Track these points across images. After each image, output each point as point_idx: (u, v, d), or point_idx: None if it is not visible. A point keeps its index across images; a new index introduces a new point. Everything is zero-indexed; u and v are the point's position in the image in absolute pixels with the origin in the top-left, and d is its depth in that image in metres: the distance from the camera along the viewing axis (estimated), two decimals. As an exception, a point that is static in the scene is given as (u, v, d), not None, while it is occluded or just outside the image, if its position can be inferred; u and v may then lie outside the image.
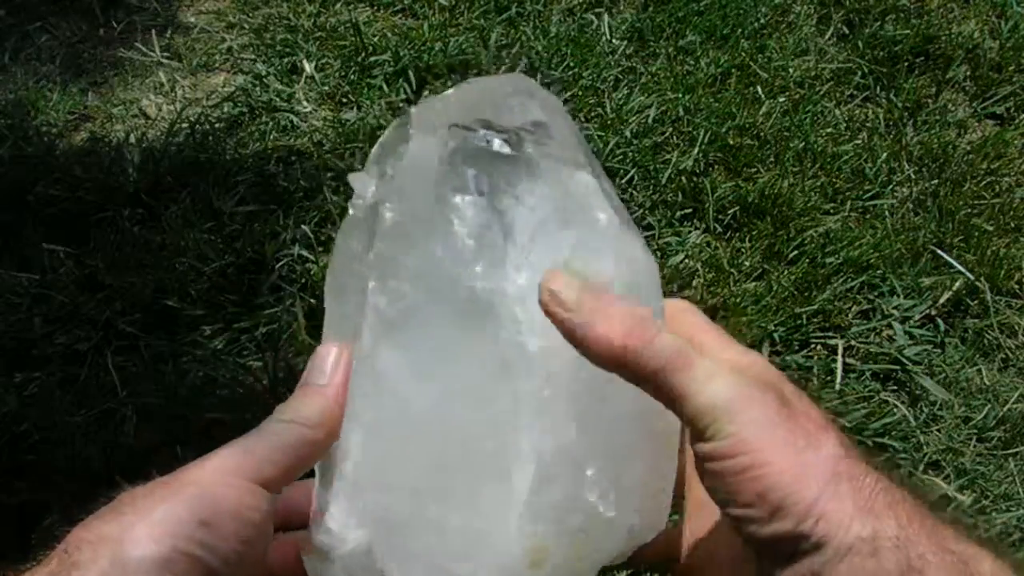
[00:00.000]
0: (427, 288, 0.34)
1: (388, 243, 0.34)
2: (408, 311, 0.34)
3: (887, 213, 1.49)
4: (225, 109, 1.53)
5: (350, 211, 0.38)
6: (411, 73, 1.57)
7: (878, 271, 1.40)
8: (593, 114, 1.56)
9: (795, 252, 1.40)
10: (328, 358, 0.36)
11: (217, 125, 1.50)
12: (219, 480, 0.31)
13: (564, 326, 0.32)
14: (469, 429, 0.34)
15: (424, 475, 0.34)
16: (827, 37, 1.77)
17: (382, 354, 0.34)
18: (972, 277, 1.40)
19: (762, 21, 1.76)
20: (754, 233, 1.42)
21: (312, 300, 1.26)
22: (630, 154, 1.48)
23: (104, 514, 0.29)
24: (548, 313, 0.32)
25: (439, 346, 0.34)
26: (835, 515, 0.28)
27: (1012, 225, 1.50)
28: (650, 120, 1.54)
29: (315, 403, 0.35)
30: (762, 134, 1.55)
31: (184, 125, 1.49)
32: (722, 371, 0.31)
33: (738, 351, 0.35)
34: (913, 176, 1.55)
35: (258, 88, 1.56)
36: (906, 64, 1.73)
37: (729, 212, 1.44)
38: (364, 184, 0.37)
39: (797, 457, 0.29)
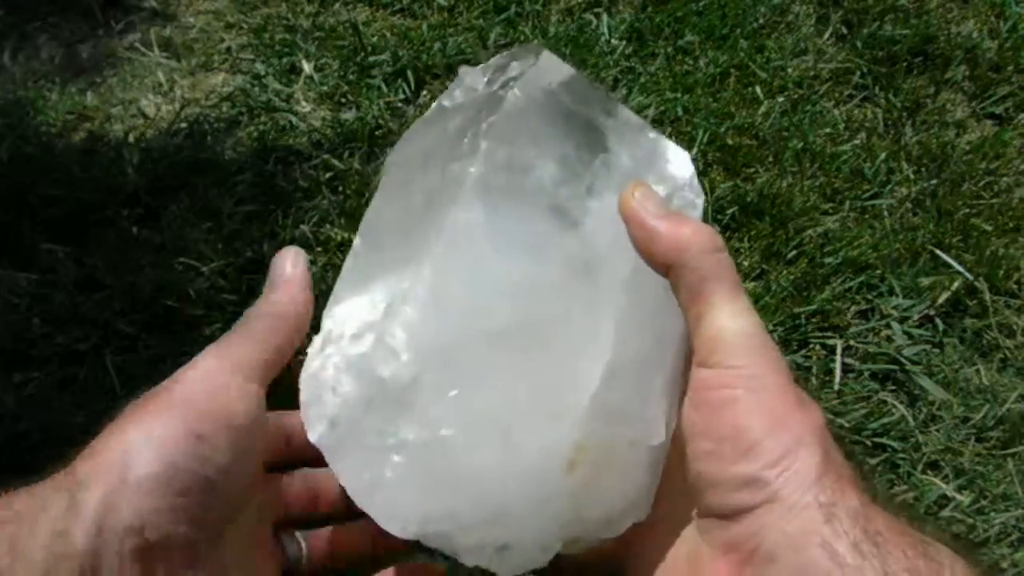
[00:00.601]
0: (533, 176, 0.34)
1: (508, 120, 0.34)
2: (512, 186, 0.34)
3: (886, 213, 1.49)
4: (224, 109, 1.53)
5: (445, 103, 0.37)
6: (410, 73, 1.57)
7: (877, 271, 1.40)
8: (592, 114, 1.56)
9: (794, 252, 1.40)
10: (287, 255, 0.38)
11: (216, 125, 1.50)
12: (209, 389, 0.31)
13: (637, 220, 0.33)
14: (545, 309, 0.33)
15: (493, 339, 0.33)
16: (826, 37, 1.77)
17: (476, 216, 0.33)
18: (971, 277, 1.40)
19: (761, 21, 1.76)
20: (752, 233, 1.42)
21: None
22: (629, 154, 1.48)
23: (106, 435, 0.31)
24: (627, 211, 0.33)
25: (530, 230, 0.34)
26: (802, 471, 0.28)
27: (1011, 225, 1.50)
28: (649, 120, 1.54)
29: (283, 292, 0.37)
30: (761, 134, 1.56)
31: (183, 125, 1.49)
32: (752, 310, 0.32)
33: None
34: (912, 176, 1.56)
35: (257, 88, 1.56)
36: (905, 64, 1.73)
37: (728, 212, 1.44)
38: (477, 77, 0.37)
39: (786, 408, 0.30)
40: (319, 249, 1.32)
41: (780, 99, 1.63)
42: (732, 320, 0.31)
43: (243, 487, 0.31)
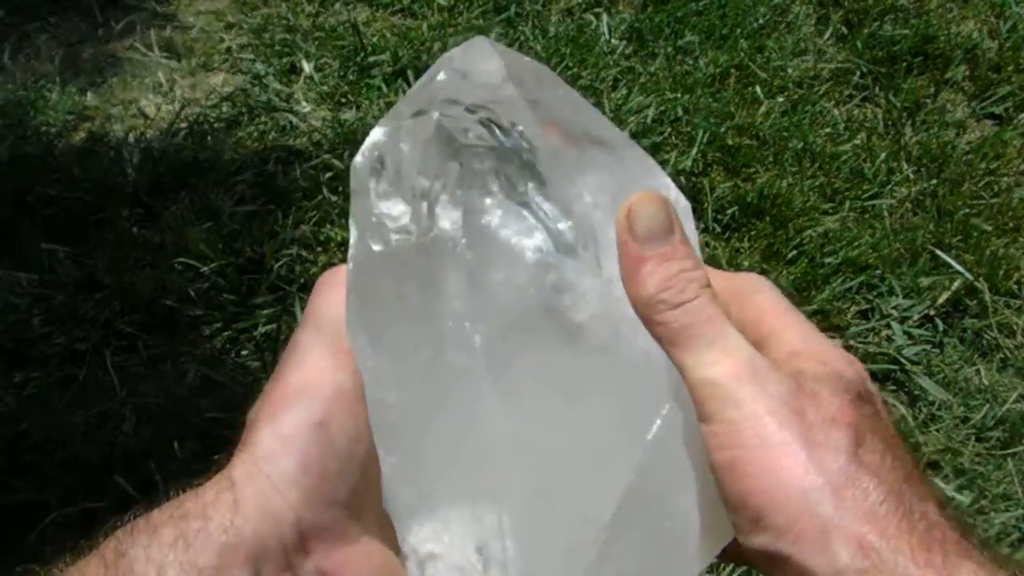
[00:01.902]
0: (531, 303, 0.33)
1: (475, 288, 0.32)
2: (518, 334, 0.32)
3: (886, 213, 1.49)
4: (224, 109, 1.53)
5: (374, 247, 0.33)
6: (410, 73, 1.57)
7: (877, 271, 1.40)
8: (592, 114, 1.56)
9: (794, 252, 1.40)
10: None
11: (216, 125, 1.50)
12: (317, 371, 0.33)
13: (625, 250, 0.30)
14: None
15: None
16: (826, 37, 1.77)
17: (511, 420, 0.32)
18: (971, 277, 1.40)
19: (761, 21, 1.76)
20: (753, 233, 1.42)
21: (311, 300, 1.26)
22: (629, 154, 1.49)
23: (248, 434, 0.32)
24: (619, 234, 0.30)
25: (555, 382, 0.32)
26: (810, 536, 0.26)
27: (1011, 225, 1.50)
28: (649, 120, 1.54)
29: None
30: (761, 134, 1.56)
31: (183, 125, 1.49)
32: (743, 352, 0.29)
33: (812, 340, 0.32)
34: (912, 176, 1.56)
35: (257, 88, 1.56)
36: (905, 64, 1.73)
37: (728, 212, 1.44)
38: (395, 209, 0.34)
39: (788, 460, 0.26)
40: (319, 249, 1.32)
41: (780, 99, 1.63)
42: (712, 368, 0.28)
43: (364, 460, 0.33)
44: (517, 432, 0.32)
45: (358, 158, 0.34)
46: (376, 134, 0.34)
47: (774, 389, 0.28)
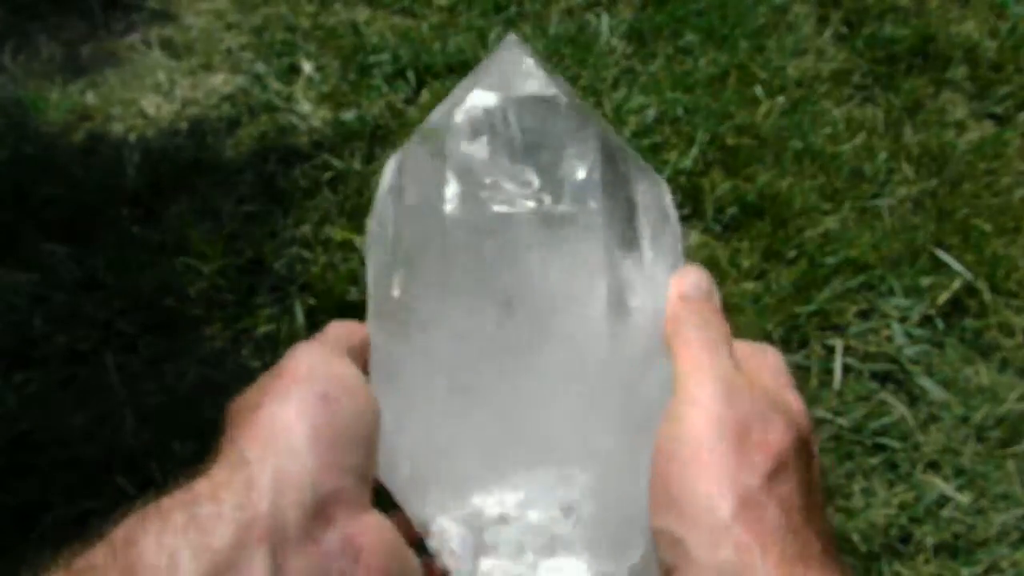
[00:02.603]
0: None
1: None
2: None
3: (886, 213, 1.49)
4: (224, 109, 1.53)
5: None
6: (410, 73, 1.57)
7: (877, 271, 1.40)
8: (592, 114, 1.56)
9: (794, 252, 1.40)
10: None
11: (216, 125, 1.50)
12: (318, 360, 0.34)
13: (671, 300, 0.36)
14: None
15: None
16: (826, 37, 1.78)
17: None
18: (971, 277, 1.40)
19: (761, 21, 1.76)
20: (753, 233, 1.42)
21: (312, 300, 1.26)
22: (629, 154, 1.49)
23: (249, 414, 0.34)
24: (676, 305, 0.35)
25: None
26: (710, 528, 0.29)
27: (1011, 225, 1.50)
28: (649, 120, 1.54)
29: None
30: (761, 134, 1.56)
31: (184, 125, 1.49)
32: (728, 364, 0.33)
33: (788, 387, 0.35)
34: (912, 176, 1.56)
35: (257, 88, 1.56)
36: (905, 64, 1.73)
37: (728, 212, 1.44)
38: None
39: (717, 463, 0.30)
40: (319, 249, 1.32)
41: (780, 99, 1.63)
42: (698, 367, 0.33)
43: (368, 438, 0.34)
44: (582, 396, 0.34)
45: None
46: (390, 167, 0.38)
47: (737, 402, 0.32)
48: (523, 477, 0.34)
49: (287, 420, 0.31)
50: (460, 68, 1.60)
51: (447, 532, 0.34)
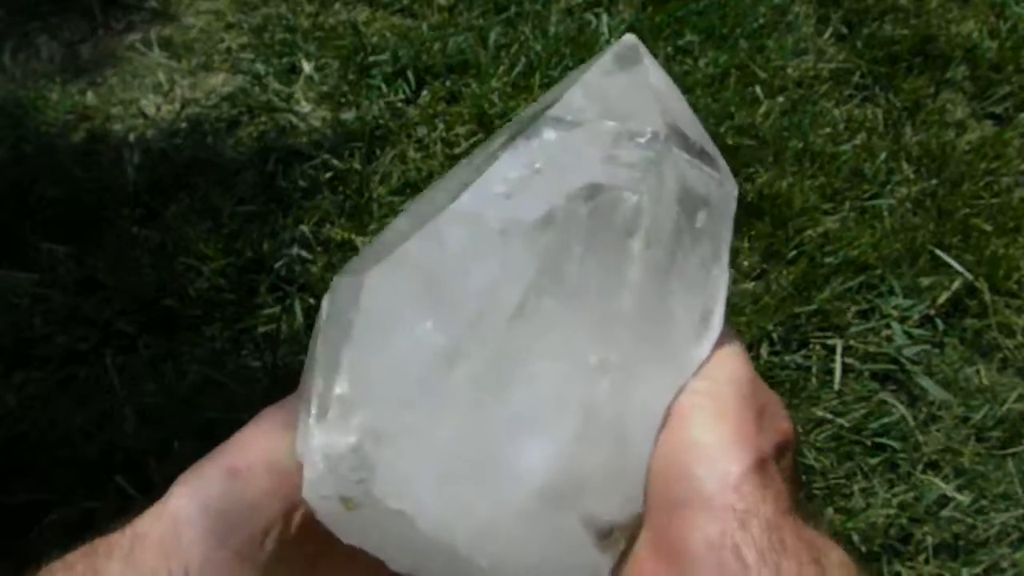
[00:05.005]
0: None
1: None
2: None
3: (886, 213, 1.49)
4: (224, 109, 1.53)
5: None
6: (410, 73, 1.57)
7: (877, 271, 1.40)
8: (592, 114, 1.56)
9: (794, 252, 1.40)
10: None
11: (216, 125, 1.50)
12: (254, 434, 0.34)
13: None
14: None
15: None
16: (826, 37, 1.77)
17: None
18: (971, 277, 1.40)
19: (761, 21, 1.76)
20: (753, 233, 1.42)
21: (311, 300, 1.26)
22: (629, 154, 1.49)
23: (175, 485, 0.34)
24: None
25: None
26: (727, 474, 0.31)
27: (1011, 225, 1.50)
28: (649, 120, 1.54)
29: None
30: (761, 134, 1.56)
31: (183, 125, 1.49)
32: (749, 367, 0.36)
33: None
34: (912, 176, 1.56)
35: (257, 88, 1.56)
36: (905, 64, 1.73)
37: (728, 212, 1.44)
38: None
39: (736, 421, 0.33)
40: (319, 249, 1.32)
41: (780, 99, 1.63)
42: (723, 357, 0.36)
43: (274, 519, 0.33)
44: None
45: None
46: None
47: (760, 388, 0.35)
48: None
49: (183, 490, 0.33)
50: (460, 68, 1.60)
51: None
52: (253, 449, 0.33)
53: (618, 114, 0.35)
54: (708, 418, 0.33)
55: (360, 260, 0.36)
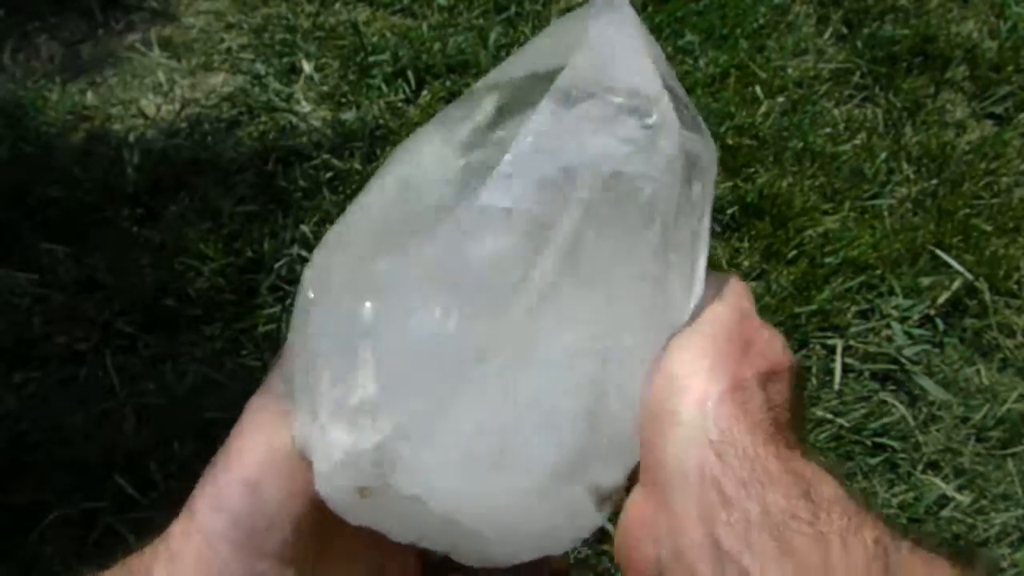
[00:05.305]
0: None
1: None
2: None
3: (886, 213, 1.49)
4: (224, 109, 1.53)
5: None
6: (410, 73, 1.57)
7: (877, 271, 1.40)
8: (592, 114, 1.56)
9: (794, 252, 1.40)
10: None
11: (216, 125, 1.50)
12: (252, 430, 0.34)
13: None
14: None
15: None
16: (826, 37, 1.77)
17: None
18: (971, 277, 1.40)
19: (761, 21, 1.76)
20: (753, 233, 1.42)
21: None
22: (629, 154, 1.49)
23: (190, 499, 0.34)
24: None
25: None
26: (701, 399, 0.31)
27: (1011, 225, 1.50)
28: (649, 120, 1.54)
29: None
30: (761, 134, 1.56)
31: (183, 125, 1.49)
32: (750, 297, 0.36)
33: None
34: (912, 176, 1.56)
35: (257, 88, 1.56)
36: (905, 64, 1.73)
37: (728, 212, 1.44)
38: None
39: (717, 348, 0.32)
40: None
41: (780, 99, 1.63)
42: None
43: (297, 516, 0.34)
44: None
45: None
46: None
47: (748, 322, 0.34)
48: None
49: (209, 508, 0.33)
50: (460, 68, 1.60)
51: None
52: (261, 453, 0.34)
53: (620, 85, 0.34)
54: (687, 354, 0.33)
55: (345, 239, 0.36)
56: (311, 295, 0.34)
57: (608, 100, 0.34)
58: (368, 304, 0.32)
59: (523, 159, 0.33)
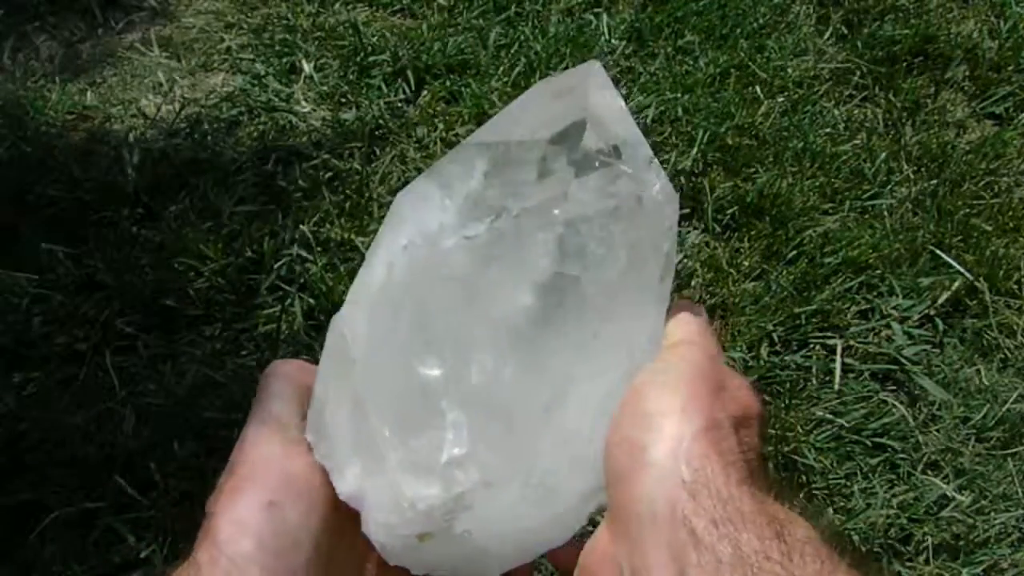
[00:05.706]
0: None
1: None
2: None
3: (886, 213, 1.49)
4: (224, 109, 1.53)
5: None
6: (410, 73, 1.57)
7: (877, 271, 1.40)
8: (592, 114, 1.56)
9: (794, 252, 1.40)
10: None
11: (216, 125, 1.50)
12: (264, 457, 0.35)
13: None
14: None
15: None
16: (826, 37, 1.77)
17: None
18: (971, 277, 1.40)
19: (761, 21, 1.76)
20: (753, 233, 1.42)
21: (311, 300, 1.26)
22: (629, 154, 1.49)
23: (207, 521, 0.34)
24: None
25: None
26: (674, 440, 0.30)
27: (1011, 225, 1.50)
28: (649, 120, 1.54)
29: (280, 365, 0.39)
30: (761, 134, 1.55)
31: (183, 125, 1.49)
32: (713, 341, 0.36)
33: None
34: (912, 176, 1.56)
35: (257, 88, 1.56)
36: (905, 64, 1.73)
37: (728, 212, 1.44)
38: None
39: (691, 391, 0.32)
40: (319, 249, 1.32)
41: (780, 99, 1.63)
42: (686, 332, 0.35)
43: (317, 531, 0.35)
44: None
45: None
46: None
47: (718, 366, 0.34)
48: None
49: (234, 531, 0.33)
50: (460, 68, 1.60)
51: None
52: (277, 476, 0.34)
53: (623, 151, 0.38)
54: (660, 391, 0.32)
55: (377, 299, 0.37)
56: (354, 356, 0.35)
57: (609, 163, 0.38)
58: (437, 364, 0.34)
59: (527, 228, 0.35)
